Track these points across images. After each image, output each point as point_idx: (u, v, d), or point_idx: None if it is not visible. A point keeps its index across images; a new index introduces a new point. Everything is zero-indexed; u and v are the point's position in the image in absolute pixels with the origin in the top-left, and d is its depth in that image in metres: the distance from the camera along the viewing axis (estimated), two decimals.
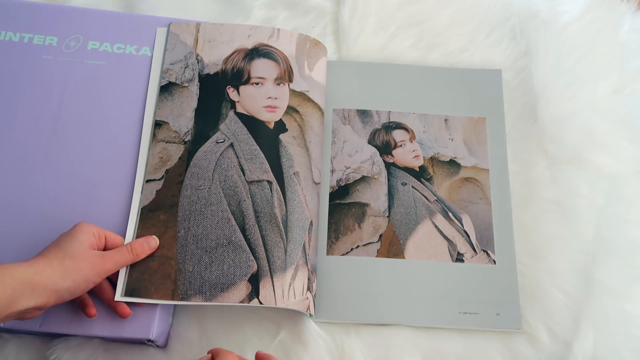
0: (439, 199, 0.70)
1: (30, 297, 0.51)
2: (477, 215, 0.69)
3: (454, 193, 0.70)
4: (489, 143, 0.73)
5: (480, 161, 0.72)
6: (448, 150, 0.73)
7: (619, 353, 0.63)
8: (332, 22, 0.82)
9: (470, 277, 0.66)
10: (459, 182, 0.71)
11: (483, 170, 0.71)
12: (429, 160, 0.72)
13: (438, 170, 0.71)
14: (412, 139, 0.73)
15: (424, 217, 0.69)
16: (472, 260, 0.67)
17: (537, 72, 0.76)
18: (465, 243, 0.68)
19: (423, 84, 0.76)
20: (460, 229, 0.68)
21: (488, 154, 0.72)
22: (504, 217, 0.69)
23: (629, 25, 0.79)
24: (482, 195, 0.70)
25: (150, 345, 0.63)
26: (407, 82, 0.76)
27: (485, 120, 0.74)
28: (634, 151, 0.72)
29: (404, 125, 0.74)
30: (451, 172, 0.71)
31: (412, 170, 0.72)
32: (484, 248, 0.67)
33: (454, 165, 0.72)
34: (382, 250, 0.68)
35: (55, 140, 0.67)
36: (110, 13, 0.75)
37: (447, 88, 0.76)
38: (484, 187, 0.70)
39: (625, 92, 0.76)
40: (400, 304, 0.65)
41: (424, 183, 0.71)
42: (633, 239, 0.68)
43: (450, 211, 0.69)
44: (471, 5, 0.82)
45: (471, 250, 0.67)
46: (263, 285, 0.61)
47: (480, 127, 0.74)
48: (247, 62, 0.71)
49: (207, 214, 0.64)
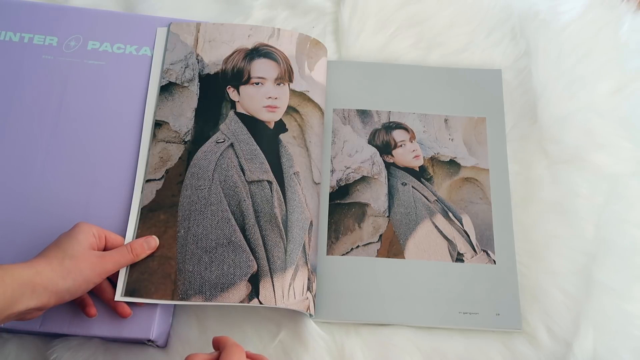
0: (439, 199, 0.70)
1: (30, 297, 0.51)
2: (477, 215, 0.69)
3: (454, 193, 0.70)
4: (489, 143, 0.73)
5: (480, 161, 0.72)
6: (448, 150, 0.73)
7: (619, 353, 0.63)
8: (332, 22, 0.82)
9: (470, 277, 0.66)
10: (459, 182, 0.71)
11: (483, 170, 0.71)
12: (429, 160, 0.72)
13: (438, 170, 0.71)
14: (412, 139, 0.73)
15: (424, 217, 0.69)
16: (472, 261, 0.67)
17: (537, 72, 0.76)
18: (465, 243, 0.68)
19: (423, 84, 0.76)
20: (460, 229, 0.68)
21: (488, 154, 0.72)
22: (504, 217, 0.69)
23: (629, 25, 0.79)
24: (482, 196, 0.70)
25: (150, 345, 0.63)
26: (407, 82, 0.76)
27: (485, 120, 0.74)
28: (634, 151, 0.72)
29: (404, 125, 0.74)
30: (451, 172, 0.71)
31: (412, 170, 0.72)
32: (484, 248, 0.67)
33: (454, 165, 0.72)
34: (382, 250, 0.68)
35: (55, 140, 0.67)
36: (110, 13, 0.75)
37: (447, 88, 0.76)
38: (484, 187, 0.70)
39: (625, 92, 0.75)
40: (400, 303, 0.65)
41: (424, 183, 0.71)
42: (633, 239, 0.68)
43: (450, 211, 0.69)
44: (471, 5, 0.82)
45: (471, 250, 0.67)
46: (263, 285, 0.61)
47: (480, 127, 0.73)
48: (247, 62, 0.71)
49: (207, 214, 0.64)
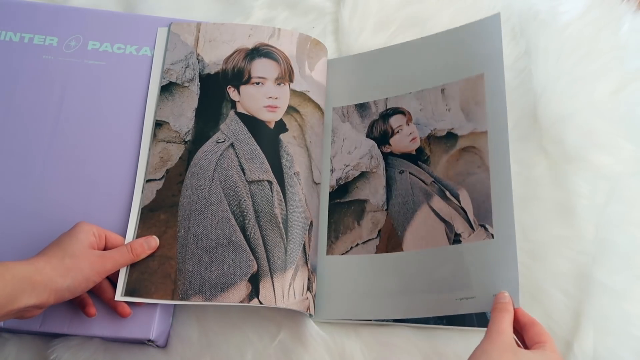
0: (435, 179, 0.68)
1: (30, 295, 0.51)
2: (474, 187, 0.65)
3: (451, 168, 0.68)
4: (487, 100, 0.68)
5: (478, 125, 0.68)
6: (445, 123, 0.70)
7: (619, 353, 0.63)
8: (332, 22, 0.82)
9: (467, 259, 0.62)
10: (456, 155, 0.68)
11: (481, 135, 0.67)
12: (426, 140, 0.70)
13: (435, 148, 0.70)
14: (408, 122, 0.72)
15: (421, 202, 0.68)
16: (469, 239, 0.64)
17: (537, 72, 0.76)
18: (463, 221, 0.65)
19: (418, 59, 0.74)
20: (458, 206, 0.66)
21: (486, 113, 0.67)
22: (503, 184, 0.64)
23: (629, 25, 0.79)
24: (480, 164, 0.66)
25: (150, 345, 0.63)
26: (402, 61, 0.75)
27: (483, 76, 0.69)
28: (634, 151, 0.72)
29: (400, 109, 0.73)
30: (448, 147, 0.69)
31: (409, 155, 0.71)
32: (482, 223, 0.64)
33: (451, 138, 0.69)
34: (380, 246, 0.67)
35: (55, 141, 0.67)
36: (110, 13, 0.75)
37: (442, 54, 0.73)
38: (482, 154, 0.66)
39: (625, 92, 0.75)
40: (399, 299, 0.64)
41: (420, 166, 0.69)
42: (633, 239, 0.68)
43: (447, 189, 0.67)
44: (471, 5, 0.82)
45: (469, 228, 0.64)
46: (263, 285, 0.61)
47: (479, 85, 0.69)
48: (247, 62, 0.72)
49: (207, 214, 0.64)
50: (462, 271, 0.62)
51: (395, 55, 0.76)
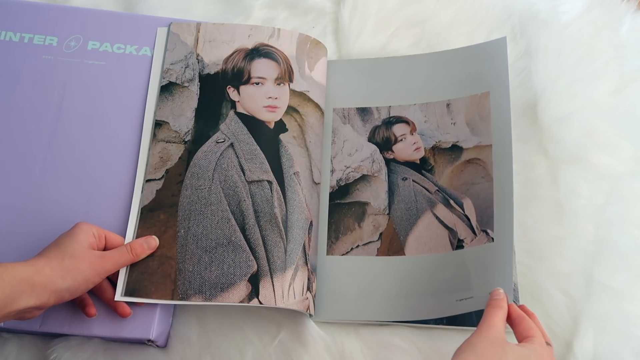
0: (440, 189, 0.69)
1: (30, 296, 0.51)
2: (478, 195, 0.67)
3: (455, 179, 0.69)
4: (492, 115, 0.69)
5: (483, 138, 0.69)
6: (450, 136, 0.71)
7: (619, 353, 0.63)
8: (332, 22, 0.82)
9: (468, 262, 0.64)
10: (460, 166, 0.69)
11: (486, 147, 0.68)
12: (430, 150, 0.71)
13: (439, 159, 0.70)
14: (412, 131, 0.72)
15: (424, 210, 0.68)
16: (471, 244, 0.65)
17: (537, 72, 0.76)
18: (466, 228, 0.66)
19: (423, 73, 0.75)
20: (461, 214, 0.67)
21: (491, 127, 0.69)
22: (505, 191, 0.64)
23: (629, 25, 0.79)
24: (484, 174, 0.67)
25: (150, 345, 0.63)
26: (407, 73, 0.75)
27: (488, 94, 0.70)
28: (634, 151, 0.72)
29: (404, 119, 0.73)
30: (453, 158, 0.70)
31: (413, 164, 0.71)
32: (484, 228, 0.65)
33: (455, 150, 0.70)
34: (382, 249, 0.67)
35: (55, 140, 0.67)
36: (110, 13, 0.75)
37: (448, 71, 0.74)
38: (486, 165, 0.68)
39: (625, 92, 0.75)
40: (399, 301, 0.64)
41: (425, 175, 0.70)
42: (633, 239, 0.68)
43: (451, 198, 0.68)
44: (471, 5, 0.82)
45: (471, 233, 0.66)
46: (263, 285, 0.61)
47: (484, 102, 0.70)
48: (247, 62, 0.72)
49: (207, 214, 0.64)
50: (463, 274, 0.64)
51: (401, 66, 0.76)
